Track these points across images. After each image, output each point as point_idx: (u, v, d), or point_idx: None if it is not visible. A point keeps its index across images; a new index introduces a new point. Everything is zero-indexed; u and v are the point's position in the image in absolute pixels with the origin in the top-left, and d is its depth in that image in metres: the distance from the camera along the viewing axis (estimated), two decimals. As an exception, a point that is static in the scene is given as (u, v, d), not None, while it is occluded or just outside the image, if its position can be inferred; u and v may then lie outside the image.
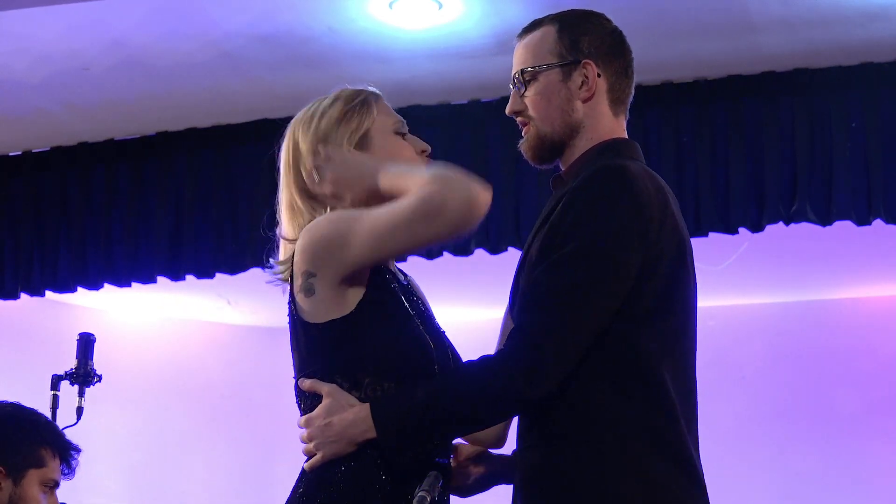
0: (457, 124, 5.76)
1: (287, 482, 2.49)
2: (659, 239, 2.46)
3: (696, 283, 2.58)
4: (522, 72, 2.62)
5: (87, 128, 6.18)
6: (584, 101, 2.61)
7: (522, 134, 2.67)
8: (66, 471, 3.43)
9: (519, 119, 2.66)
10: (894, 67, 5.32)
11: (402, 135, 2.61)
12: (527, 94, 2.62)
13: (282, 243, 2.65)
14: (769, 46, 5.26)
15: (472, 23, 5.11)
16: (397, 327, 2.46)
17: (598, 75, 2.61)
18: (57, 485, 3.41)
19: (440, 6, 4.98)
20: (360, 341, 2.42)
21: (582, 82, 2.60)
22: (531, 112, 2.62)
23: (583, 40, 2.61)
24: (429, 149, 2.62)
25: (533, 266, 2.47)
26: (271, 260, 2.65)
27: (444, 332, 2.59)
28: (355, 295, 2.44)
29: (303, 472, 2.47)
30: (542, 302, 2.40)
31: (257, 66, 5.50)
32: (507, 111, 2.67)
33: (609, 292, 2.40)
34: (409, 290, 2.58)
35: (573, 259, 2.40)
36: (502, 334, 2.66)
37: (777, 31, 5.14)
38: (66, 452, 3.43)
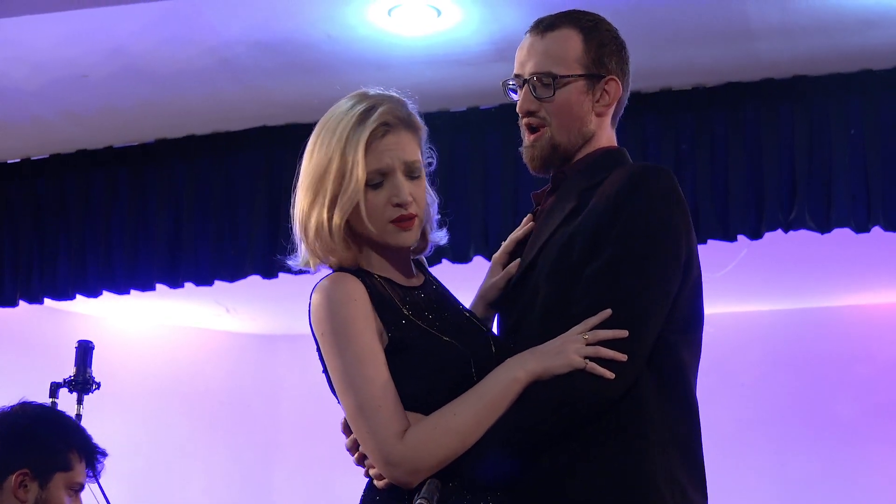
0: (455, 132, 5.76)
1: (285, 488, 2.50)
2: (693, 241, 2.52)
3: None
4: (553, 77, 2.60)
5: (86, 135, 6.18)
6: (598, 114, 2.63)
7: (529, 136, 2.64)
8: (91, 474, 3.41)
9: (529, 120, 2.64)
10: (893, 74, 5.32)
11: (376, 185, 2.48)
12: (550, 98, 2.60)
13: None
14: (768, 53, 5.26)
15: (471, 30, 5.11)
16: (426, 358, 2.44)
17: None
18: (82, 488, 3.39)
19: (439, 13, 4.98)
20: (400, 385, 2.41)
21: (600, 96, 2.62)
22: (550, 118, 2.61)
23: (607, 55, 2.63)
24: (400, 199, 2.48)
25: (579, 261, 2.45)
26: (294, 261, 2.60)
27: (474, 323, 2.57)
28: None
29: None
30: (618, 299, 2.39)
31: (256, 74, 5.50)
32: (520, 109, 2.64)
33: (671, 291, 2.43)
34: (428, 296, 2.56)
35: (642, 259, 2.41)
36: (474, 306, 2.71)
37: (776, 39, 5.14)
38: (92, 456, 3.41)
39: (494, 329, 2.73)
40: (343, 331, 2.40)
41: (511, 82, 2.68)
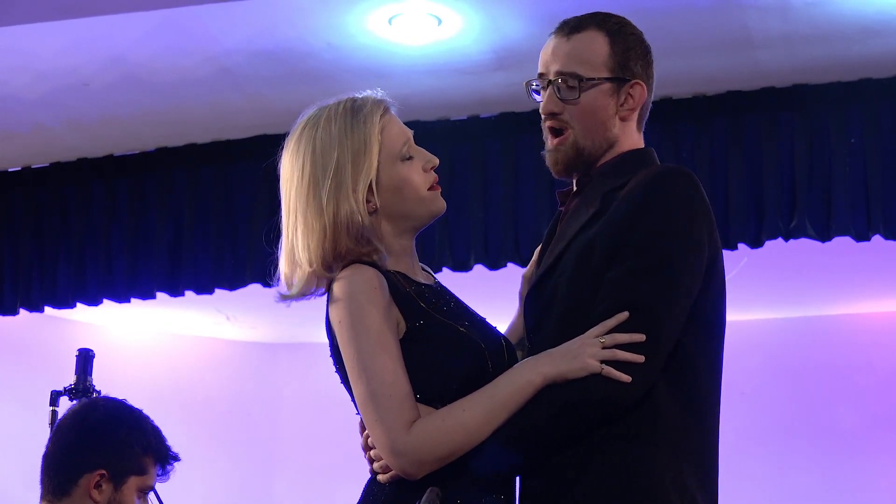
0: (456, 140, 5.77)
1: (285, 497, 2.49)
2: (717, 245, 2.51)
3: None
4: (578, 79, 2.58)
5: (87, 143, 6.19)
6: (623, 118, 2.63)
7: (552, 140, 2.63)
8: (161, 473, 3.35)
9: (552, 122, 2.62)
10: (893, 83, 5.32)
11: (408, 158, 2.55)
12: (575, 100, 2.58)
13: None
14: (768, 62, 5.26)
15: (472, 39, 5.12)
16: (442, 348, 2.45)
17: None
18: (152, 490, 3.34)
19: (439, 22, 4.99)
20: (414, 375, 2.41)
21: (625, 100, 2.62)
22: (573, 122, 2.59)
23: (632, 58, 2.64)
24: (435, 162, 2.56)
25: (600, 265, 2.44)
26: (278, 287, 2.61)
27: (484, 319, 2.57)
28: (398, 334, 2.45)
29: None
30: (636, 304, 2.37)
31: (257, 82, 5.50)
32: (544, 110, 2.61)
33: (691, 297, 2.42)
34: (440, 294, 2.56)
35: (661, 265, 2.40)
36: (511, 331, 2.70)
37: (776, 47, 5.14)
38: (167, 460, 3.36)
39: None
40: (360, 318, 2.40)
41: (535, 83, 2.66)
